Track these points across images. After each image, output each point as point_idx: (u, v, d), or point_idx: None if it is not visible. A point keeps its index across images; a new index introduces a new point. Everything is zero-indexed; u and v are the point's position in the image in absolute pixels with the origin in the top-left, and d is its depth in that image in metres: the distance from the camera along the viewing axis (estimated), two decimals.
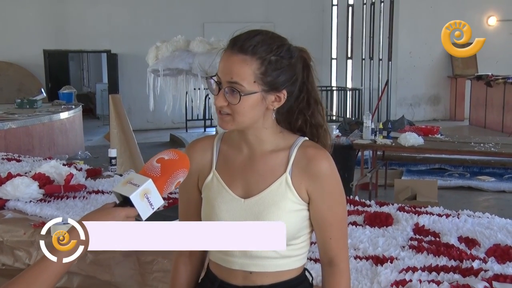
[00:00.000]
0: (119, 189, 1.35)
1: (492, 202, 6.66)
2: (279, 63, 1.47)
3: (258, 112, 1.50)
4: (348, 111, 13.24)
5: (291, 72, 1.50)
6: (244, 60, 1.45)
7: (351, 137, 6.77)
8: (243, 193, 1.54)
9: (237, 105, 1.46)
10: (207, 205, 1.58)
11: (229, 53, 1.47)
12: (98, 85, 15.41)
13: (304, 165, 1.52)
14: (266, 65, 1.45)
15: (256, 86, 1.46)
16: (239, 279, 1.55)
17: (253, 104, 1.47)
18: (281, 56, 1.48)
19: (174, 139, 11.58)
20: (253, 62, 1.45)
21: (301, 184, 1.52)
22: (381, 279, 2.05)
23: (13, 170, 3.69)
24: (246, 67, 1.44)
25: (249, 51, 1.45)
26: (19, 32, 12.33)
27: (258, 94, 1.47)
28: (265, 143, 1.55)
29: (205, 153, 1.61)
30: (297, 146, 1.54)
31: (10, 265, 2.83)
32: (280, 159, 1.54)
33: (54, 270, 1.26)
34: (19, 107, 9.54)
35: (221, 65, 1.48)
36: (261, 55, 1.45)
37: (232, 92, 1.45)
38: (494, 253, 2.30)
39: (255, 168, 1.55)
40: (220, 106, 1.48)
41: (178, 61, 7.76)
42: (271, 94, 1.49)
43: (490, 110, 11.50)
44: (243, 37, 1.47)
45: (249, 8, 13.41)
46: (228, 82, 1.46)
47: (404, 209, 2.92)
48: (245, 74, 1.44)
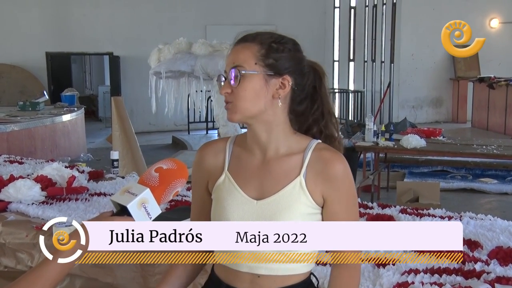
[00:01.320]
0: (116, 198, 1.36)
1: (494, 204, 6.65)
2: (280, 49, 1.49)
3: (263, 99, 1.49)
4: (350, 113, 13.23)
5: (295, 61, 1.52)
6: (245, 45, 1.49)
7: (353, 139, 6.77)
8: (256, 195, 1.53)
9: (239, 88, 1.47)
10: (218, 206, 1.57)
11: (233, 47, 1.51)
12: (100, 88, 15.44)
13: (319, 168, 1.51)
14: (267, 48, 1.48)
15: (257, 67, 1.47)
16: (246, 282, 1.54)
17: (256, 88, 1.48)
18: (282, 43, 1.50)
19: (176, 141, 11.58)
20: (254, 46, 1.48)
21: (316, 187, 1.51)
22: (383, 281, 2.05)
23: (16, 172, 3.69)
24: (246, 51, 1.48)
25: (250, 39, 1.50)
26: (21, 35, 12.36)
27: (259, 76, 1.47)
28: (278, 144, 1.55)
29: (217, 155, 1.61)
30: (311, 149, 1.54)
31: (12, 268, 2.83)
32: (294, 162, 1.54)
33: (54, 274, 1.27)
34: (21, 109, 9.56)
35: (226, 61, 1.52)
36: (262, 40, 1.49)
37: (234, 76, 1.47)
38: (497, 255, 2.29)
39: (269, 170, 1.54)
40: (225, 94, 1.49)
41: (180, 63, 7.77)
42: (274, 78, 1.49)
43: (492, 112, 11.49)
44: (244, 34, 1.52)
45: (251, 10, 13.42)
46: (231, 68, 1.48)
47: (407, 211, 2.92)
48: (245, 57, 1.48)
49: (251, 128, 1.55)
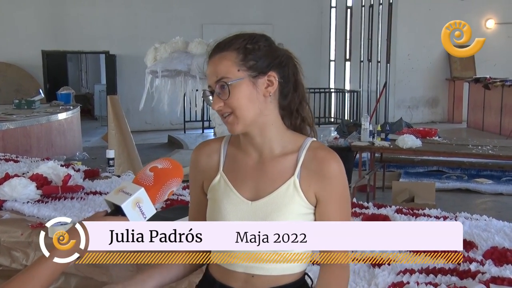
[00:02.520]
0: (111, 198, 1.35)
1: (489, 204, 6.66)
2: (256, 48, 1.49)
3: (256, 103, 1.49)
4: (346, 113, 13.24)
5: (273, 55, 1.52)
6: (222, 56, 1.48)
7: (349, 139, 6.77)
8: (251, 196, 1.54)
9: (230, 98, 1.46)
10: (213, 206, 1.58)
11: (209, 60, 1.51)
12: (96, 86, 15.41)
13: (314, 167, 1.52)
14: (243, 52, 1.48)
15: (240, 73, 1.47)
16: (240, 282, 1.54)
17: (247, 93, 1.48)
18: (255, 42, 1.50)
19: (172, 140, 11.57)
20: (230, 53, 1.47)
21: (310, 186, 1.52)
22: (378, 281, 2.05)
23: (11, 170, 3.68)
24: (224, 61, 1.47)
25: (224, 48, 1.48)
26: (17, 33, 12.32)
27: (246, 81, 1.47)
28: (273, 144, 1.55)
29: (212, 155, 1.62)
30: (305, 148, 1.54)
31: (7, 266, 2.82)
32: (288, 162, 1.54)
33: (48, 273, 1.26)
34: (17, 107, 9.54)
35: (207, 74, 1.51)
36: (236, 46, 1.48)
37: (222, 89, 1.47)
38: (492, 255, 2.29)
39: (264, 171, 1.55)
40: (218, 109, 1.48)
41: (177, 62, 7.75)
42: (260, 78, 1.49)
43: (488, 112, 11.52)
44: (216, 42, 1.52)
45: (248, 10, 13.41)
46: (216, 82, 1.48)
47: (402, 211, 2.92)
48: (226, 67, 1.47)
49: (246, 131, 1.54)
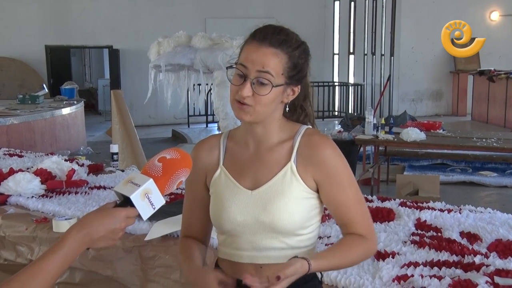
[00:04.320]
0: (119, 189, 1.35)
1: (494, 197, 6.65)
2: (301, 59, 1.54)
3: (276, 104, 1.54)
4: (350, 106, 13.21)
5: (306, 69, 1.57)
6: (275, 53, 1.50)
7: (353, 133, 6.77)
8: (251, 185, 1.57)
9: (263, 96, 1.49)
10: (216, 200, 1.60)
11: (258, 45, 1.50)
12: (100, 81, 15.42)
13: (308, 153, 1.55)
14: (293, 62, 1.52)
15: (282, 78, 1.51)
16: (250, 273, 1.55)
17: (276, 96, 1.52)
18: (304, 57, 1.55)
19: (176, 134, 11.58)
20: (283, 56, 1.50)
21: (307, 171, 1.54)
22: (382, 274, 2.05)
23: (15, 165, 3.69)
24: (277, 60, 1.50)
25: (279, 46, 1.50)
26: (21, 28, 12.33)
27: (282, 87, 1.52)
28: (272, 135, 1.58)
29: (211, 151, 1.64)
30: (300, 135, 1.57)
31: (12, 261, 2.83)
32: (285, 149, 1.57)
33: (56, 266, 1.27)
34: (21, 102, 9.55)
35: (249, 56, 1.50)
36: (288, 50, 1.51)
37: (261, 84, 1.49)
38: (496, 248, 2.29)
39: (262, 160, 1.58)
40: (245, 97, 1.49)
41: (180, 56, 7.76)
42: (289, 87, 1.54)
43: (492, 105, 11.48)
44: (270, 31, 1.51)
45: (251, 3, 13.38)
46: (259, 72, 1.49)
47: (406, 204, 2.92)
48: (276, 66, 1.49)
49: (250, 125, 1.57)
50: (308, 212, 1.55)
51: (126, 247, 2.52)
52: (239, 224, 1.55)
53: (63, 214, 2.87)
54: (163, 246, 2.47)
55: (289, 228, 1.52)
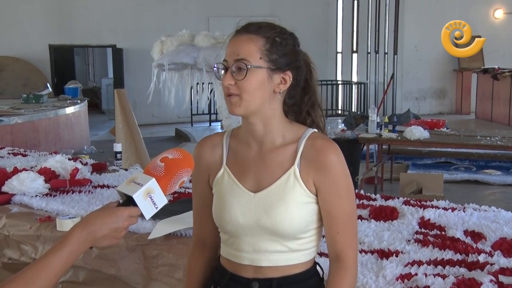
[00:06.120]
0: (122, 188, 1.36)
1: (498, 195, 6.64)
2: (283, 44, 1.51)
3: (265, 93, 1.51)
4: (353, 105, 13.20)
5: (296, 56, 1.54)
6: (250, 38, 1.49)
7: (356, 131, 6.76)
8: (254, 187, 1.56)
9: (244, 81, 1.48)
10: (218, 200, 1.60)
11: (235, 37, 1.51)
12: (103, 80, 15.43)
13: (312, 157, 1.52)
14: (271, 43, 1.50)
15: (262, 62, 1.49)
16: (250, 272, 1.57)
17: (260, 81, 1.49)
18: (284, 38, 1.52)
19: (180, 133, 11.59)
20: (259, 40, 1.49)
21: (309, 175, 1.52)
22: (386, 273, 2.05)
23: (19, 164, 3.69)
24: (252, 44, 1.49)
25: (254, 31, 1.50)
26: (24, 27, 12.35)
27: (264, 71, 1.49)
28: (274, 134, 1.56)
29: (215, 150, 1.63)
30: (305, 138, 1.55)
31: (16, 259, 2.84)
32: (289, 152, 1.55)
33: (60, 264, 1.27)
34: (25, 102, 9.57)
35: (227, 49, 1.51)
36: (266, 34, 1.50)
37: (239, 69, 1.48)
38: (500, 246, 2.28)
39: (265, 162, 1.56)
40: (227, 85, 1.49)
41: (183, 55, 7.75)
42: (276, 73, 1.51)
43: (496, 103, 11.45)
44: (247, 23, 1.53)
45: (254, 2, 13.38)
46: (235, 61, 1.48)
47: (410, 203, 2.91)
48: (251, 50, 1.48)
49: (248, 121, 1.56)
50: (310, 216, 1.54)
51: (130, 246, 2.52)
52: (241, 226, 1.54)
53: (67, 213, 2.87)
54: (167, 245, 2.47)
55: (290, 232, 1.52)
